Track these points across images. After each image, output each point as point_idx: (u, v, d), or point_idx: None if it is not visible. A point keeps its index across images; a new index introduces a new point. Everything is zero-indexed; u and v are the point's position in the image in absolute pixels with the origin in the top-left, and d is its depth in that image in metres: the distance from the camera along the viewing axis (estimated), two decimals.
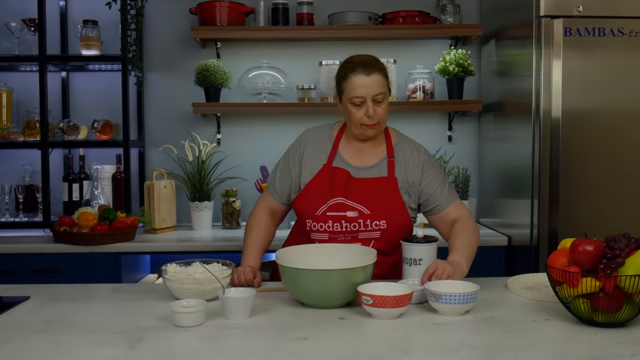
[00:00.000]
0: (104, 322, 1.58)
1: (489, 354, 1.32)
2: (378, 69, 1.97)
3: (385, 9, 3.37)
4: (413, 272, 1.80)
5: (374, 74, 1.96)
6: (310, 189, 2.03)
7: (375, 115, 1.97)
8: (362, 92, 1.95)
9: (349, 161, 2.06)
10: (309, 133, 2.14)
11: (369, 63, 1.97)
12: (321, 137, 2.12)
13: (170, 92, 3.48)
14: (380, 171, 2.05)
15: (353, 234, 1.98)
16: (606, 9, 2.60)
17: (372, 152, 2.08)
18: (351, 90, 1.96)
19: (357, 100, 1.96)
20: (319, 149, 2.09)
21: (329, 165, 2.05)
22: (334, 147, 2.08)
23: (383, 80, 1.98)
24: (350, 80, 1.96)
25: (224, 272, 1.77)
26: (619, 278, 1.42)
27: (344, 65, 2.01)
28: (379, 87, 1.96)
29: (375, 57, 2.03)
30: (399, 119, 3.41)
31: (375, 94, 1.95)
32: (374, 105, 1.96)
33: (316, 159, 2.08)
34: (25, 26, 3.25)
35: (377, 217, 1.97)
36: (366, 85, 1.95)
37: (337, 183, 2.01)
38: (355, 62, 1.98)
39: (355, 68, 1.96)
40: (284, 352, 1.34)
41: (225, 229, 3.27)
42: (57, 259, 2.81)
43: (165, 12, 3.46)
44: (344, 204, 1.98)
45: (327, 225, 1.98)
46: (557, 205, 2.63)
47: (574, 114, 2.62)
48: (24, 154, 3.38)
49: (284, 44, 3.45)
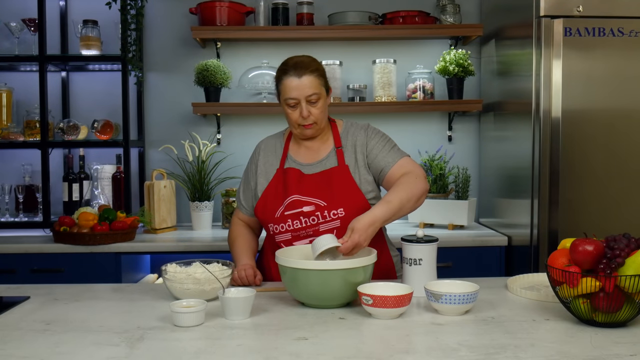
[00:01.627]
0: (104, 322, 1.58)
1: (489, 354, 1.32)
2: (310, 70, 1.99)
3: (385, 9, 3.37)
4: (413, 272, 1.80)
5: (306, 76, 1.98)
6: (267, 194, 2.08)
7: (310, 115, 2.00)
8: (294, 94, 1.99)
9: (299, 160, 2.10)
10: (262, 142, 2.21)
11: (301, 65, 2.00)
12: (273, 143, 2.18)
13: (170, 92, 3.48)
14: (331, 162, 2.08)
15: (314, 228, 2.00)
16: (606, 9, 2.61)
17: (321, 146, 2.11)
18: (284, 92, 2.01)
19: (291, 101, 2.00)
20: (271, 155, 2.15)
21: (282, 168, 2.10)
22: (284, 150, 2.13)
23: (316, 80, 2.00)
24: (283, 82, 2.01)
25: (224, 272, 1.77)
26: (619, 278, 1.42)
27: (280, 68, 2.05)
28: (312, 88, 1.98)
29: (312, 57, 2.06)
30: (399, 119, 3.41)
31: (307, 95, 1.98)
32: (308, 105, 1.99)
33: (269, 165, 2.13)
34: (25, 26, 3.24)
35: (333, 206, 1.99)
36: (297, 87, 1.98)
37: (290, 182, 2.05)
38: (288, 65, 2.01)
39: (287, 70, 2.00)
40: (284, 352, 1.34)
41: (225, 229, 3.26)
42: (57, 259, 2.81)
43: (165, 12, 3.46)
44: (300, 201, 2.01)
45: (287, 224, 2.01)
46: (557, 205, 2.63)
47: (574, 114, 2.62)
48: (24, 154, 3.38)
49: (284, 44, 3.45)
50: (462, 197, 3.15)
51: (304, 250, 1.86)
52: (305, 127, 2.03)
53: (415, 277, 1.80)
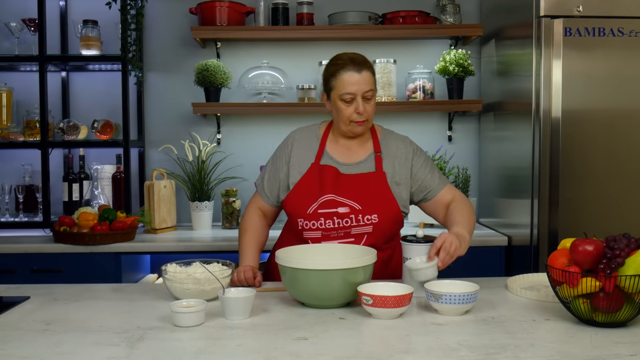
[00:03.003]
0: (104, 322, 1.58)
1: (489, 354, 1.32)
2: (367, 67, 2.00)
3: (385, 9, 3.37)
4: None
5: (364, 71, 1.98)
6: (300, 188, 2.04)
7: (364, 112, 1.99)
8: (352, 89, 1.97)
9: (336, 158, 2.08)
10: (295, 133, 2.15)
11: (358, 60, 2.00)
12: (308, 136, 2.13)
13: (170, 92, 3.48)
14: (369, 166, 2.06)
15: (345, 230, 1.99)
16: (606, 9, 2.61)
17: (360, 148, 2.09)
18: (342, 87, 1.98)
19: (348, 97, 1.97)
20: (306, 148, 2.10)
21: (317, 163, 2.06)
22: (321, 145, 2.10)
23: (372, 77, 2.01)
24: (340, 77, 1.98)
25: (224, 272, 1.77)
26: (619, 278, 1.42)
27: (333, 62, 2.02)
28: (369, 84, 1.98)
29: (363, 56, 2.05)
30: (399, 119, 3.41)
31: (365, 90, 1.98)
32: (363, 102, 1.98)
33: (304, 158, 2.09)
34: (25, 26, 3.24)
35: (368, 211, 1.98)
36: (357, 82, 1.97)
37: (327, 180, 2.02)
38: (344, 59, 2.00)
39: (346, 65, 1.98)
40: (284, 352, 1.34)
41: (225, 229, 3.27)
42: (57, 259, 2.81)
43: (165, 12, 3.46)
44: (335, 201, 1.99)
45: (320, 222, 1.99)
46: (557, 205, 2.63)
47: (574, 114, 2.62)
48: (24, 154, 3.38)
49: (284, 44, 3.45)
50: None
51: (304, 250, 1.86)
52: (357, 123, 2.01)
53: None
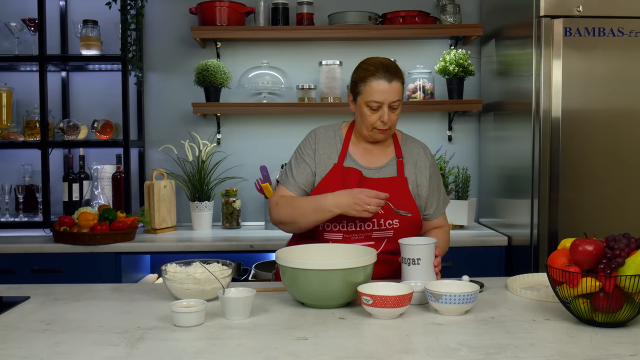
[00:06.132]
0: (104, 322, 1.58)
1: (489, 354, 1.32)
2: (398, 77, 1.97)
3: (385, 9, 3.37)
4: (412, 272, 1.80)
5: (395, 81, 1.95)
6: (323, 188, 2.01)
7: (389, 121, 1.97)
8: (380, 98, 1.94)
9: (359, 161, 2.06)
10: (318, 131, 2.12)
11: (391, 69, 1.96)
12: (331, 136, 2.10)
13: (170, 92, 3.48)
14: (390, 171, 2.06)
15: (367, 234, 1.99)
16: (606, 9, 2.61)
17: (381, 153, 2.09)
18: (370, 94, 1.95)
19: (374, 104, 1.95)
20: (329, 147, 2.08)
21: (340, 165, 2.04)
22: (344, 146, 2.07)
23: (401, 87, 1.98)
24: (369, 83, 1.95)
25: (224, 272, 1.77)
26: (619, 278, 1.42)
27: (364, 67, 1.99)
28: (397, 95, 1.96)
29: (395, 62, 2.02)
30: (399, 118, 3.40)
31: (392, 100, 1.95)
32: (389, 111, 1.96)
33: (327, 157, 2.06)
34: (25, 26, 3.24)
35: (390, 216, 1.98)
36: (386, 91, 1.94)
37: (351, 183, 2.00)
38: (376, 66, 1.96)
39: (377, 72, 1.95)
40: (284, 352, 1.34)
41: (225, 229, 3.27)
42: (57, 259, 2.81)
43: (165, 12, 3.46)
44: None
45: (342, 225, 1.98)
46: (557, 205, 2.63)
47: (574, 114, 2.62)
48: (24, 154, 3.38)
49: (284, 44, 3.46)
50: (462, 197, 3.15)
51: (304, 250, 1.86)
52: (380, 131, 2.00)
53: (414, 276, 1.80)
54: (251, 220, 3.44)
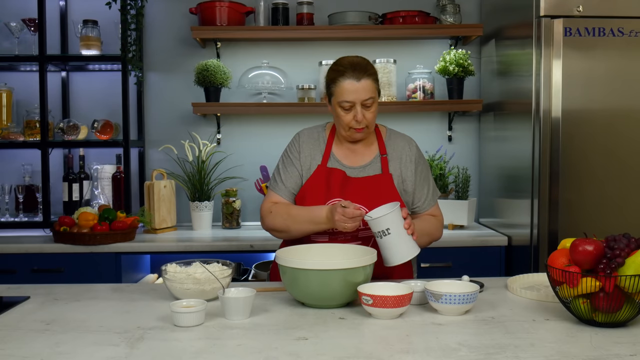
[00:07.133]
0: (104, 322, 1.58)
1: (489, 354, 1.32)
2: (368, 74, 1.95)
3: (385, 9, 3.37)
4: (387, 243, 1.79)
5: (364, 79, 1.94)
6: (307, 190, 2.03)
7: (363, 119, 1.96)
8: (351, 97, 1.94)
9: (342, 161, 2.06)
10: (302, 134, 2.13)
11: (359, 67, 1.95)
12: (315, 137, 2.11)
13: (170, 92, 3.48)
14: (375, 169, 2.06)
15: (353, 234, 1.98)
16: (606, 9, 2.61)
17: (365, 151, 2.08)
18: (340, 94, 1.95)
19: (346, 104, 1.95)
20: (314, 148, 2.09)
21: (324, 166, 2.05)
22: (327, 147, 2.08)
23: (373, 85, 1.96)
24: (339, 84, 1.95)
25: (224, 272, 1.77)
26: (619, 278, 1.42)
27: (334, 68, 1.99)
28: (368, 92, 1.95)
29: (366, 59, 2.01)
30: (399, 119, 3.41)
31: (364, 99, 1.94)
32: (362, 109, 1.96)
33: (312, 158, 2.07)
34: (25, 26, 3.25)
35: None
36: (355, 90, 1.93)
37: (334, 183, 2.01)
38: (345, 66, 1.96)
39: (345, 72, 1.94)
40: (284, 352, 1.34)
41: (225, 229, 3.27)
42: (57, 259, 2.81)
43: (165, 12, 3.46)
44: None
45: None
46: (557, 205, 2.63)
47: (574, 114, 2.62)
48: (24, 154, 3.38)
49: (284, 44, 3.46)
50: (462, 197, 3.15)
51: (304, 250, 1.86)
52: (356, 130, 1.99)
53: (389, 246, 1.79)
54: (251, 220, 3.44)
